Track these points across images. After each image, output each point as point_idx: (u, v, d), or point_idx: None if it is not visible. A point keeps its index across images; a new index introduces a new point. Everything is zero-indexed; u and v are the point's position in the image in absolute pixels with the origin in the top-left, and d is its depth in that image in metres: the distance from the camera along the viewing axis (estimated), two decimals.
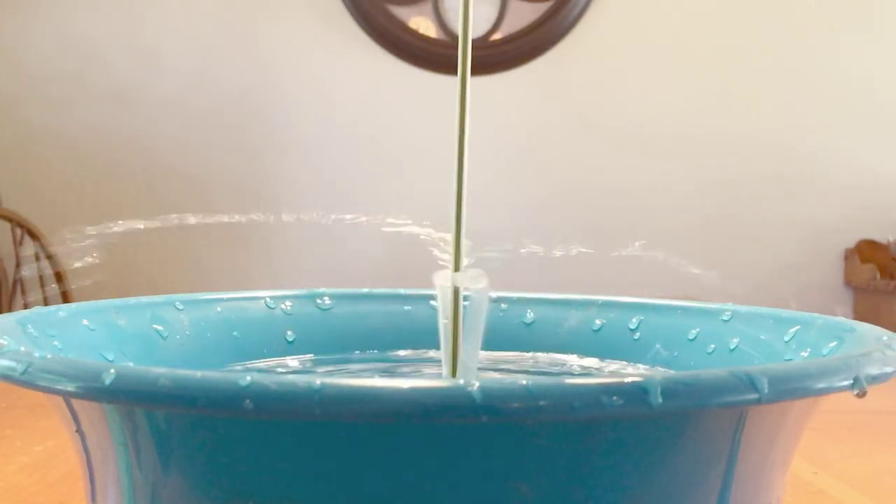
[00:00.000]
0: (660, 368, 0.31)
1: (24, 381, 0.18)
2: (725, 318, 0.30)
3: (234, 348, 0.33)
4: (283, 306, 0.35)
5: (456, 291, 0.27)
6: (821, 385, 0.18)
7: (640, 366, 0.32)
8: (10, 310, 1.16)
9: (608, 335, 0.34)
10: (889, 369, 0.19)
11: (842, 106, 1.92)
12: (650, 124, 1.91)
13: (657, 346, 0.32)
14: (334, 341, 0.35)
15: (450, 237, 0.25)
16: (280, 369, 0.32)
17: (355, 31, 1.89)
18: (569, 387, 0.15)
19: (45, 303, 1.03)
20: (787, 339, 0.27)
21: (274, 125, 1.89)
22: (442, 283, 0.26)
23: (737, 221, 1.92)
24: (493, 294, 0.36)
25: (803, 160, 1.91)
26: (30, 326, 0.25)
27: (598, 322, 0.34)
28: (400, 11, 1.89)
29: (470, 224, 0.26)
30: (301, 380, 0.15)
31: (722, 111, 1.91)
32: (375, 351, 0.34)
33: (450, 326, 0.26)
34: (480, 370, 0.33)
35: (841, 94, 1.92)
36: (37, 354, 0.18)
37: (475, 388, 0.15)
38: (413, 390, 0.15)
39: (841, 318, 0.26)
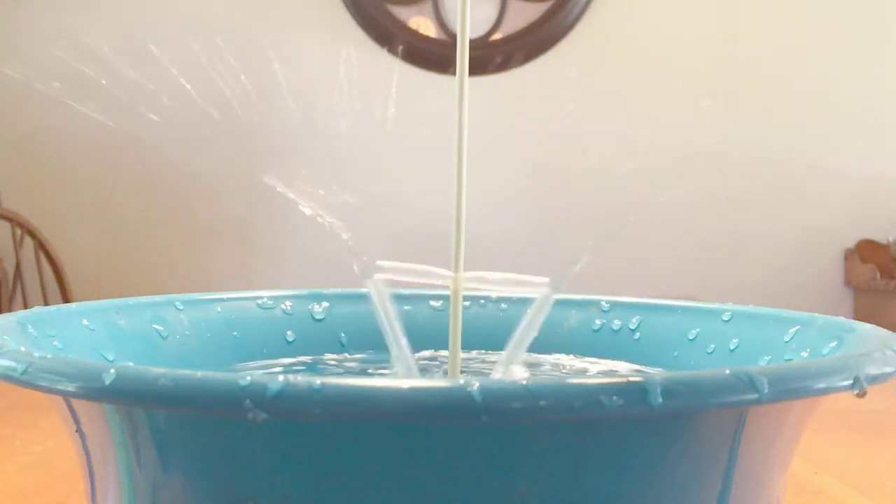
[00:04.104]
0: (659, 369, 0.31)
1: (24, 381, 0.18)
2: (725, 318, 0.30)
3: (234, 348, 0.33)
4: (283, 306, 0.35)
5: (456, 292, 0.27)
6: (821, 385, 0.18)
7: (640, 366, 0.32)
8: (10, 310, 1.16)
9: (608, 335, 0.34)
10: (889, 369, 0.19)
11: (842, 106, 1.92)
12: (650, 124, 1.91)
13: (657, 346, 0.32)
14: (334, 341, 0.35)
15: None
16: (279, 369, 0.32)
17: (355, 31, 1.89)
18: (569, 387, 0.15)
19: (45, 303, 1.03)
20: (787, 339, 0.27)
21: (273, 125, 1.89)
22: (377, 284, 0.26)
23: (737, 221, 1.92)
24: (494, 295, 0.36)
25: (803, 160, 1.91)
26: (30, 326, 0.25)
27: (598, 322, 0.34)
28: (400, 11, 1.89)
29: (469, 226, 0.26)
30: (301, 380, 0.15)
31: (722, 111, 1.91)
32: (375, 351, 0.34)
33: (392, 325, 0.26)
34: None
35: (841, 94, 1.92)
36: (37, 354, 0.18)
37: (475, 388, 0.15)
38: (413, 390, 0.15)
39: (841, 318, 0.26)
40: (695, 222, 1.91)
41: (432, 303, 0.36)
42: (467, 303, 0.36)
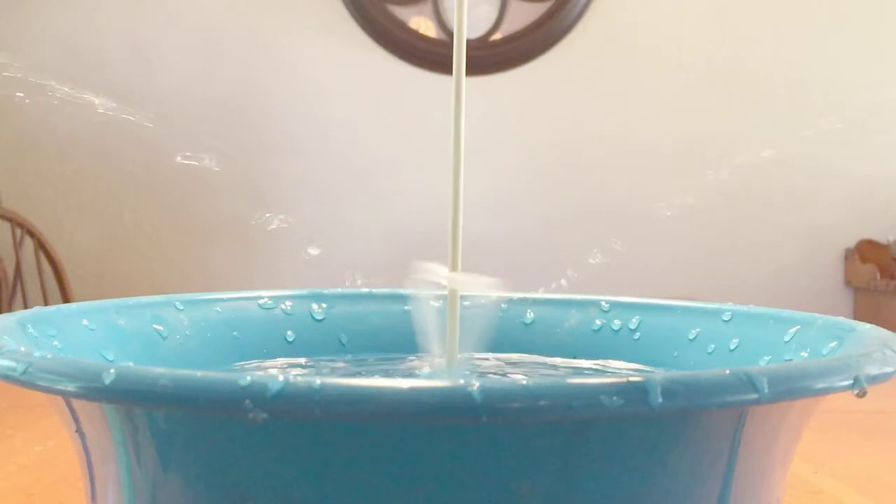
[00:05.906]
0: (659, 369, 0.31)
1: (24, 381, 0.18)
2: (725, 318, 0.30)
3: (234, 348, 0.33)
4: (282, 306, 0.35)
5: (454, 291, 0.27)
6: (821, 385, 0.18)
7: (640, 366, 0.32)
8: (10, 310, 1.16)
9: (608, 335, 0.34)
10: (889, 369, 0.19)
11: (840, 106, 1.92)
12: (650, 125, 1.91)
13: (657, 346, 0.32)
14: (334, 341, 0.35)
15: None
16: (279, 369, 0.32)
17: (355, 31, 1.89)
18: (569, 387, 0.15)
19: (45, 303, 1.03)
20: (787, 339, 0.27)
21: (273, 125, 1.89)
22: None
23: (737, 221, 1.92)
24: (493, 295, 0.36)
25: (803, 160, 1.91)
26: (30, 326, 0.25)
27: (598, 322, 0.34)
28: (400, 11, 1.89)
29: (470, 226, 0.26)
30: (301, 380, 0.15)
31: (722, 111, 1.91)
32: (375, 351, 0.34)
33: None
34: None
35: (839, 94, 1.92)
36: (37, 354, 0.18)
37: (475, 388, 0.15)
38: (413, 390, 0.15)
39: (841, 318, 0.26)
40: (695, 222, 1.91)
41: (432, 303, 0.36)
42: (466, 303, 0.36)
